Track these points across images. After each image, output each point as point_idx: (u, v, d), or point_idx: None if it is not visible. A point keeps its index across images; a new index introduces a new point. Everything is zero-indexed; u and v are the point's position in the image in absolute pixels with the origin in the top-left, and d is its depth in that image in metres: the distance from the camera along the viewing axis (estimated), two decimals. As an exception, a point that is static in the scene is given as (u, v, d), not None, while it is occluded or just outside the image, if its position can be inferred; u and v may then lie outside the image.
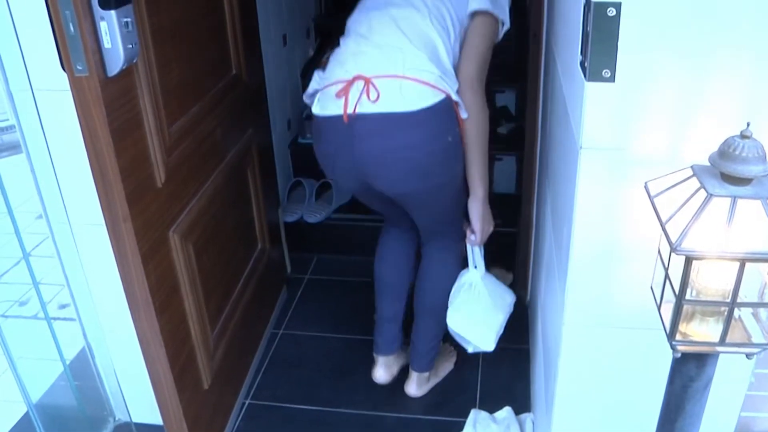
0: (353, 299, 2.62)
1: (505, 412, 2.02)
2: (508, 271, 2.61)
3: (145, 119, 1.48)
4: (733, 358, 1.00)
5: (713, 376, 1.01)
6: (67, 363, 1.97)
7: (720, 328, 0.94)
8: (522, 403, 2.08)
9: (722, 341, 0.94)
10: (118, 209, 1.41)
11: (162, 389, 1.68)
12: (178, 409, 1.71)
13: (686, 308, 0.94)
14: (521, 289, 2.55)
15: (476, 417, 2.01)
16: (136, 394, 2.00)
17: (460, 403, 2.12)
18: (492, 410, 2.05)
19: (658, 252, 1.00)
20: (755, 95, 1.07)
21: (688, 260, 0.88)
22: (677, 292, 0.92)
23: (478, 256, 1.96)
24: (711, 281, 0.92)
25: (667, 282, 0.96)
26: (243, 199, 2.19)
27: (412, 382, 2.16)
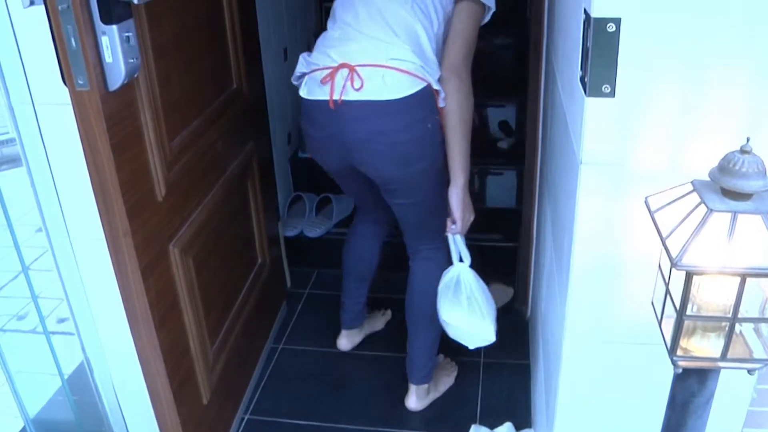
0: (353, 314, 2.60)
1: (506, 427, 2.01)
2: (508, 285, 2.60)
3: (145, 133, 1.48)
4: (735, 373, 1.00)
5: (715, 392, 1.01)
6: (66, 378, 1.96)
7: (721, 344, 0.93)
8: (522, 418, 2.07)
9: (723, 357, 0.94)
10: (118, 224, 1.41)
11: (161, 404, 1.67)
12: (177, 424, 1.70)
13: (687, 323, 0.94)
14: (521, 304, 2.54)
15: (476, 432, 2.00)
16: (135, 409, 1.98)
17: (461, 418, 2.10)
18: (492, 425, 2.04)
19: (659, 267, 1.00)
20: (755, 110, 1.07)
21: (689, 275, 0.88)
22: (678, 308, 0.92)
23: (462, 247, 1.92)
24: (712, 296, 0.92)
25: (668, 297, 0.96)
26: (243, 213, 2.19)
27: (412, 395, 2.16)
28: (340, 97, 1.69)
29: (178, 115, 1.65)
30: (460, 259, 1.92)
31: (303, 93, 1.80)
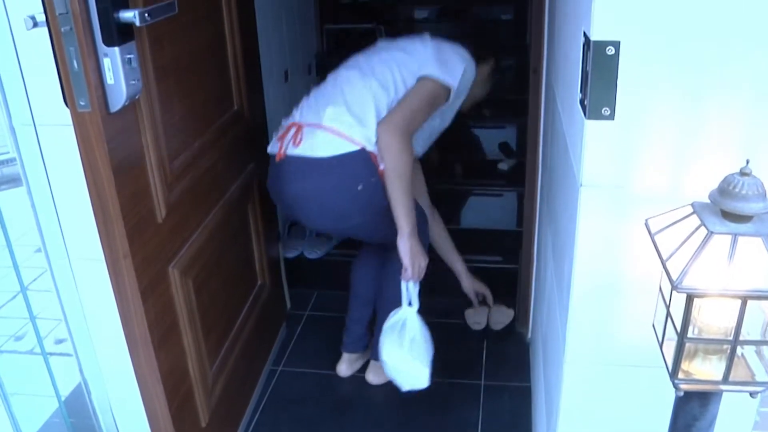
0: (353, 335, 2.59)
1: (507, 452, 2.00)
2: (508, 307, 2.60)
3: (146, 155, 1.49)
4: (737, 396, 0.99)
5: (717, 415, 1.00)
6: (63, 399, 1.95)
7: (723, 367, 0.93)
8: (523, 442, 2.06)
9: (725, 380, 0.93)
10: (118, 245, 1.41)
11: (159, 427, 1.65)
12: (175, 447, 1.68)
13: (688, 346, 0.93)
14: (522, 325, 2.53)
15: (477, 456, 1.99)
16: (133, 432, 1.97)
17: (461, 442, 2.09)
18: (493, 449, 2.02)
19: (660, 289, 1.00)
20: (754, 132, 1.07)
21: (690, 298, 0.88)
22: (679, 330, 0.91)
23: (413, 293, 2.00)
24: (713, 319, 0.92)
25: (669, 320, 0.96)
26: (243, 235, 2.19)
27: (369, 371, 2.35)
28: (284, 151, 1.87)
29: (179, 136, 1.65)
30: (410, 304, 2.00)
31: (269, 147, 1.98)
